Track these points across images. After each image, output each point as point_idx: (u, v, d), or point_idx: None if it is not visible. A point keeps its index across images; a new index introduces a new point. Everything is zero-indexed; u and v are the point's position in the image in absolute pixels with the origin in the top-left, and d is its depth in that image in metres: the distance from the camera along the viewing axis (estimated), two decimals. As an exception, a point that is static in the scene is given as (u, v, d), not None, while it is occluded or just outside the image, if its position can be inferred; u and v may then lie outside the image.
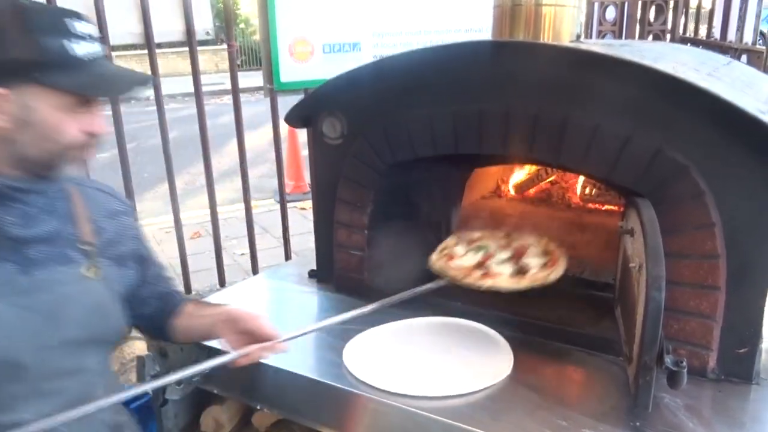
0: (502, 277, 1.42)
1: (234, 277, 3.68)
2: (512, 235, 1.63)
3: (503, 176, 2.34)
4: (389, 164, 1.73)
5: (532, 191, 2.32)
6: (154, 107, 3.14)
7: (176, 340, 1.44)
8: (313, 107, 1.81)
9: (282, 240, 3.54)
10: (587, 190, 2.25)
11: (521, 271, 1.46)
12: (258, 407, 1.56)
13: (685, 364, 1.16)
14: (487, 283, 1.39)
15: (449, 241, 1.62)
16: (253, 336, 1.23)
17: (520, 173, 2.33)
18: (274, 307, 1.91)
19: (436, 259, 1.53)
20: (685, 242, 1.36)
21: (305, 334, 1.32)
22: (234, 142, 3.25)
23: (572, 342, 1.54)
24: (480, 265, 1.49)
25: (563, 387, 1.39)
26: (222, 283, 3.46)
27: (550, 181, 2.30)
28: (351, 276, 1.86)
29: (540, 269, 1.46)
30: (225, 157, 6.73)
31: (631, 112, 1.39)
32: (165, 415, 1.70)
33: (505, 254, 1.54)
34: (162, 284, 1.41)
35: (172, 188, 3.20)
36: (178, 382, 1.59)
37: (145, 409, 1.78)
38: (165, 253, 4.17)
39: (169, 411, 1.71)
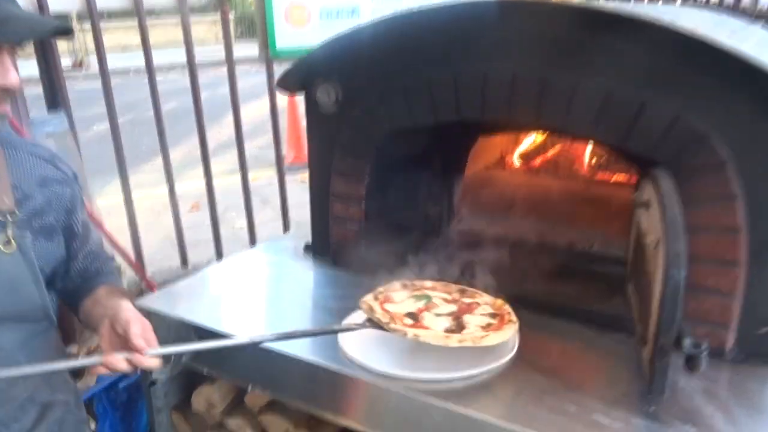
0: (430, 331, 1.28)
1: (233, 249, 3.61)
2: (467, 292, 1.50)
3: (508, 146, 2.24)
4: (387, 133, 1.64)
5: (537, 161, 2.22)
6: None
7: (82, 322, 1.32)
8: (306, 73, 1.70)
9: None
10: (595, 160, 2.16)
11: (458, 328, 1.32)
12: (249, 388, 1.49)
13: (705, 347, 1.07)
14: (411, 333, 1.26)
15: (394, 284, 1.49)
16: (125, 342, 1.07)
17: (526, 143, 2.23)
18: (267, 282, 1.83)
19: (367, 299, 1.39)
20: (703, 215, 1.27)
21: (177, 353, 1.18)
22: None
23: (580, 320, 1.46)
24: (414, 314, 1.36)
25: (571, 369, 1.31)
26: (219, 255, 3.40)
27: (557, 151, 2.20)
28: (347, 250, 1.78)
29: (478, 330, 1.32)
30: (225, 128, 6.60)
31: (648, 75, 1.29)
32: (154, 394, 1.64)
33: (448, 308, 1.41)
34: (93, 263, 1.31)
35: (166, 161, 3.12)
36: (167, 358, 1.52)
37: (135, 387, 1.73)
38: (163, 224, 4.11)
39: (158, 390, 1.64)
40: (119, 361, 1.04)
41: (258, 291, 1.74)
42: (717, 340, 1.32)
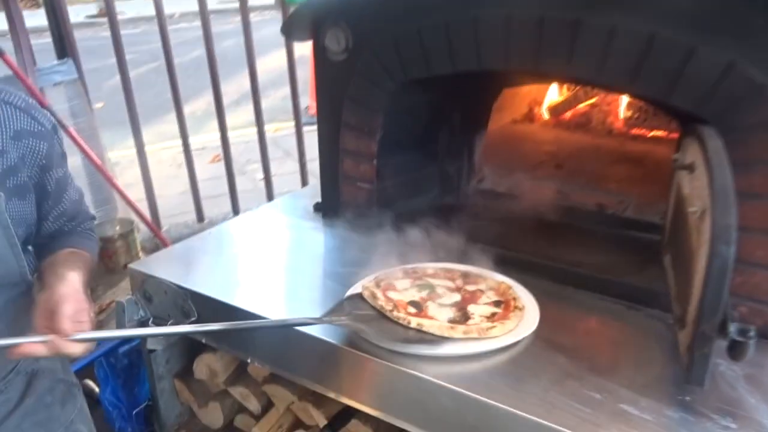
0: (434, 322, 1.18)
1: (252, 202, 3.54)
2: (470, 277, 1.38)
3: (537, 98, 2.07)
4: (401, 83, 1.49)
5: (568, 115, 2.05)
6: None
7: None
8: (313, 18, 1.55)
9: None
10: (632, 114, 1.97)
11: (463, 319, 1.22)
12: (249, 360, 1.40)
13: (753, 334, 0.93)
14: (414, 322, 1.16)
15: (395, 272, 1.38)
16: (52, 320, 0.96)
17: (555, 95, 2.05)
18: (275, 244, 1.70)
19: (369, 285, 1.29)
20: (756, 180, 1.11)
21: (105, 338, 1.08)
22: (260, 61, 3.03)
23: (609, 293, 1.32)
24: (418, 303, 1.26)
25: (597, 349, 1.18)
26: (236, 211, 3.32)
27: (590, 104, 2.03)
28: (359, 211, 1.66)
29: (483, 320, 1.21)
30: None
31: (698, 15, 1.11)
32: (155, 360, 1.57)
33: (452, 298, 1.30)
34: (66, 224, 1.21)
35: (179, 116, 3.03)
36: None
37: (136, 353, 1.66)
38: (185, 176, 4.05)
39: (158, 357, 1.57)
40: (36, 347, 0.93)
41: (263, 254, 1.63)
42: (763, 319, 1.17)
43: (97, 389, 1.77)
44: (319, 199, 1.80)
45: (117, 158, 3.94)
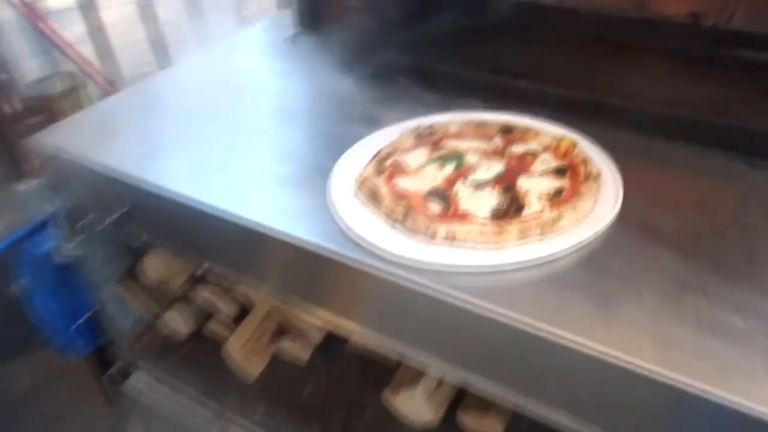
0: (472, 225, 0.74)
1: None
2: (514, 132, 0.90)
3: None
4: None
5: None
6: None
7: None
8: None
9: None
10: None
11: (512, 208, 0.76)
12: (205, 267, 1.00)
13: None
14: (443, 231, 0.73)
15: (404, 138, 0.90)
16: None
17: None
18: (228, 96, 1.19)
19: (367, 174, 0.84)
20: None
21: None
22: None
23: (721, 146, 0.89)
24: (442, 192, 0.80)
25: (724, 233, 0.76)
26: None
27: None
28: (348, 42, 1.18)
29: (545, 206, 0.76)
30: None
31: None
32: (88, 266, 1.18)
33: (491, 169, 0.84)
34: None
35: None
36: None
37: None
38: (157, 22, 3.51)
39: (91, 261, 1.18)
40: None
41: (213, 111, 1.14)
42: None
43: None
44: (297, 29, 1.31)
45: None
